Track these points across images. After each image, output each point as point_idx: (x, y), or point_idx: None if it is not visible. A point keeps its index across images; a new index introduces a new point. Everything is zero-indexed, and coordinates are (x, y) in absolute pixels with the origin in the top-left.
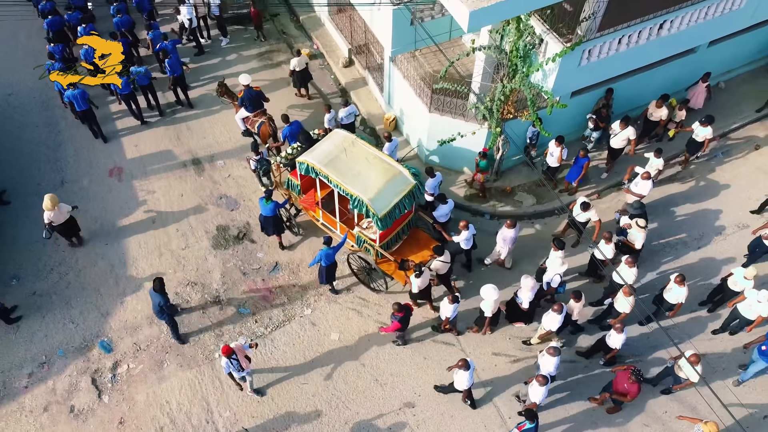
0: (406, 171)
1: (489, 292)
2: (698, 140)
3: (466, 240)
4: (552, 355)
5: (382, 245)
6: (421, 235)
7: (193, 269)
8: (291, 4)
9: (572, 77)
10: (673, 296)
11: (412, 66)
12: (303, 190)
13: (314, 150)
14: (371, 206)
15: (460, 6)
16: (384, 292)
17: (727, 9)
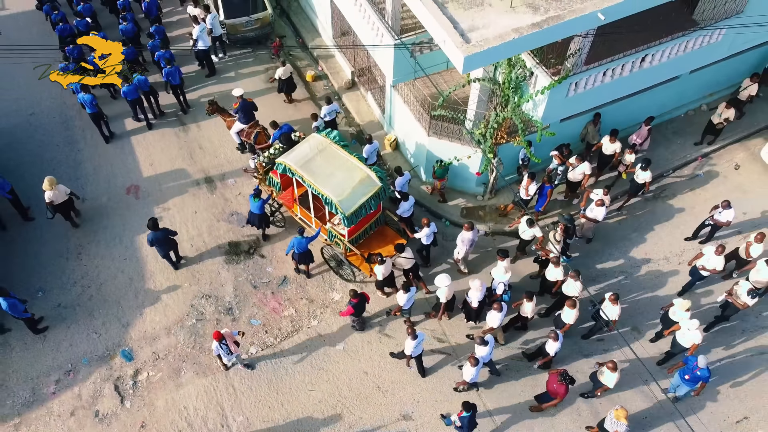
0: (373, 174)
1: (442, 281)
2: (639, 182)
3: (427, 236)
4: (481, 345)
5: (350, 240)
6: (387, 231)
7: (207, 282)
8: (297, 27)
9: (560, 107)
10: (611, 313)
11: (412, 93)
12: (282, 187)
13: (292, 152)
14: (339, 206)
15: (456, 51)
16: (353, 282)
17: (705, 42)
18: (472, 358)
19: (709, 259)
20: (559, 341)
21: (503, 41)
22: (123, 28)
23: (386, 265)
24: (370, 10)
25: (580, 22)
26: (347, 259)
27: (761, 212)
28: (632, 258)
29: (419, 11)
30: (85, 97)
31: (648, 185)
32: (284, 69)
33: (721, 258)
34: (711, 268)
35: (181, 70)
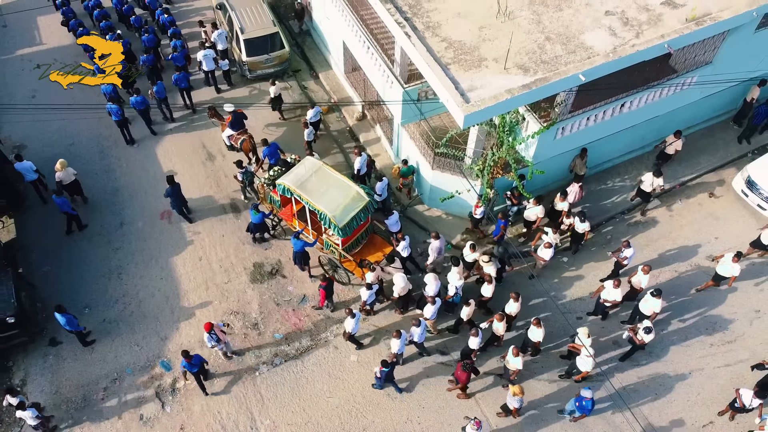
0: (362, 191)
1: (397, 280)
2: (579, 232)
3: (404, 248)
4: (416, 325)
5: (344, 248)
6: (377, 239)
7: (235, 300)
8: (311, 61)
9: (549, 148)
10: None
11: (418, 131)
12: (282, 204)
13: (290, 174)
14: (333, 220)
15: (457, 110)
16: (349, 285)
17: (678, 89)
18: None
19: (609, 292)
20: (479, 336)
21: (497, 101)
22: (145, 39)
23: (376, 272)
24: (381, 60)
25: (564, 83)
26: (342, 264)
27: (732, 236)
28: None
29: (426, 72)
30: (112, 107)
31: (587, 234)
32: (275, 88)
33: (619, 291)
34: (611, 300)
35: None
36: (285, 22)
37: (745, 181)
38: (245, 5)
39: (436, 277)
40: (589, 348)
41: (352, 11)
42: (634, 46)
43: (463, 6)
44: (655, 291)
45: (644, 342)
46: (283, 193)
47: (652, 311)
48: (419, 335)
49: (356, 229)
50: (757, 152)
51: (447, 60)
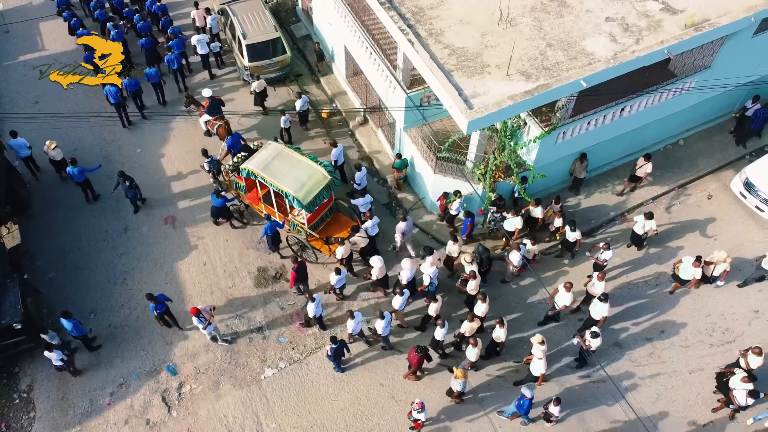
0: (323, 169)
1: (375, 262)
2: (571, 240)
3: (371, 227)
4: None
5: (310, 227)
6: (341, 217)
7: (240, 305)
8: (312, 66)
9: (550, 152)
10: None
11: (420, 135)
12: (248, 189)
13: (253, 158)
14: (297, 198)
15: (460, 116)
16: (316, 262)
17: (677, 93)
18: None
19: (561, 296)
20: (445, 328)
21: (500, 107)
22: (143, 43)
23: (345, 246)
24: (383, 66)
25: (565, 89)
26: (310, 243)
27: (729, 237)
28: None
29: (429, 78)
30: (110, 89)
31: (579, 242)
32: (258, 83)
33: (570, 294)
34: (561, 304)
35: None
36: (286, 26)
37: (743, 183)
38: (247, 11)
39: (413, 264)
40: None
41: (355, 17)
42: (635, 52)
43: (465, 13)
44: (602, 296)
45: (591, 347)
46: (247, 177)
47: (601, 316)
48: (383, 328)
49: (320, 207)
50: (755, 154)
51: (450, 66)
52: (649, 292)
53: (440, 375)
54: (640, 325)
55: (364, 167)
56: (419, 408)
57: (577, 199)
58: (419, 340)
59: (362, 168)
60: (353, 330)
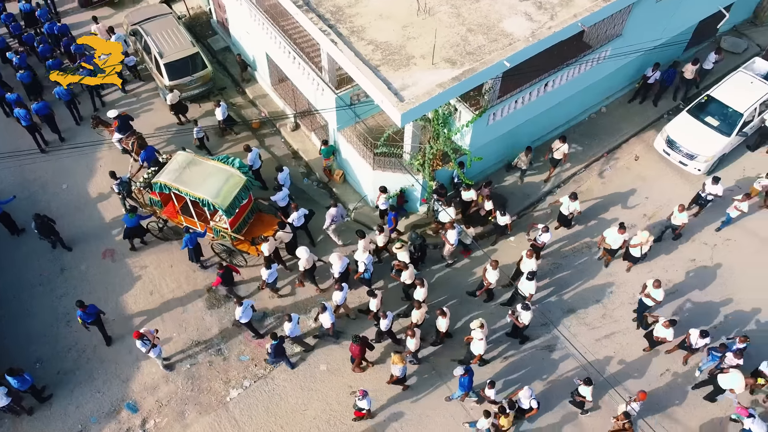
0: (237, 171)
1: (300, 253)
2: (501, 224)
3: (297, 219)
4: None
5: (234, 230)
6: (264, 216)
7: (194, 329)
8: (235, 77)
9: (484, 134)
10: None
11: (354, 134)
12: (163, 203)
13: (164, 171)
14: (215, 203)
15: (393, 110)
16: (245, 266)
17: (594, 63)
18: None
19: (489, 273)
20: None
21: (431, 96)
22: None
23: (270, 243)
24: (309, 69)
25: (490, 71)
26: (237, 248)
27: (660, 193)
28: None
29: (357, 76)
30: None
31: (510, 226)
32: (172, 95)
33: (496, 272)
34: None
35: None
36: (203, 41)
37: (665, 140)
38: (160, 29)
39: (341, 256)
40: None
41: (273, 23)
42: (551, 28)
43: (384, 8)
44: (529, 274)
45: (524, 323)
46: (160, 191)
47: (528, 293)
48: (291, 330)
49: (241, 209)
50: (672, 113)
51: (376, 62)
52: (597, 256)
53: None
54: (590, 289)
55: (285, 168)
56: (361, 395)
57: (511, 179)
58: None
59: (284, 169)
60: (291, 332)
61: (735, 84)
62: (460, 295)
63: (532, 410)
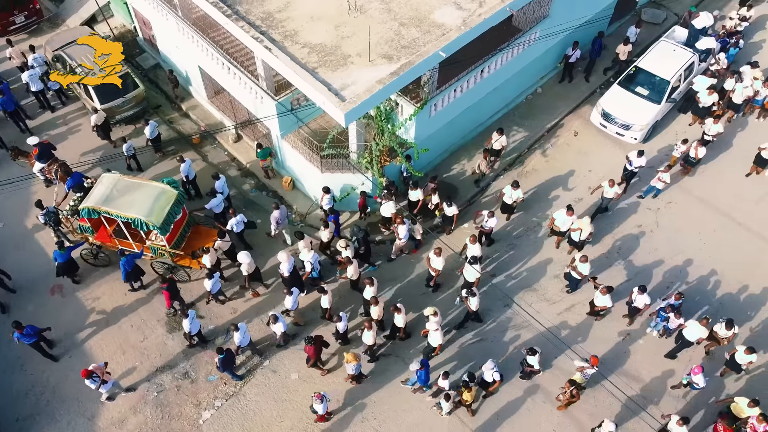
0: (167, 186)
1: (242, 258)
2: (449, 215)
3: (237, 225)
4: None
5: (172, 246)
6: (202, 228)
7: (157, 356)
8: (169, 94)
9: (427, 125)
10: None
11: (299, 139)
12: (94, 229)
13: (90, 196)
14: (150, 222)
15: (335, 110)
16: (188, 281)
17: (526, 45)
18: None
19: (433, 261)
20: (343, 321)
21: (372, 93)
22: None
23: (210, 253)
24: (245, 78)
25: (427, 63)
26: (177, 264)
27: (601, 165)
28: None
29: (295, 80)
30: None
31: (456, 218)
32: (97, 116)
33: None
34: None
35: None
36: (131, 60)
37: (601, 114)
38: (85, 52)
39: (288, 255)
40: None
41: (203, 36)
42: (480, 15)
43: (314, 9)
44: (471, 259)
45: (472, 309)
46: (89, 217)
47: (474, 278)
48: (239, 340)
49: (176, 224)
50: (604, 86)
51: (313, 64)
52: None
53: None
54: (548, 266)
55: (222, 176)
56: (318, 399)
57: (458, 167)
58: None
59: (220, 176)
60: (240, 343)
61: (659, 53)
62: (412, 288)
63: (495, 383)
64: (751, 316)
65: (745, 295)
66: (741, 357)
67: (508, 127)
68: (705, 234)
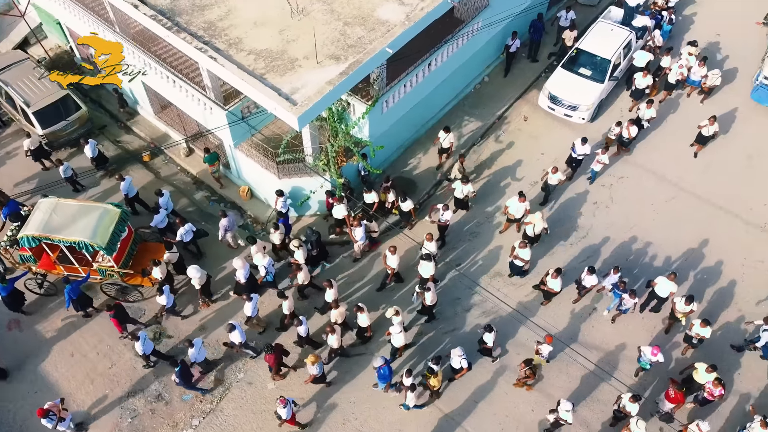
0: (108, 206)
1: (192, 272)
2: (405, 211)
3: (185, 234)
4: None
5: (120, 266)
6: (149, 245)
7: (127, 381)
8: (113, 113)
9: (380, 122)
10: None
11: (253, 146)
12: (37, 257)
13: (29, 223)
14: (94, 243)
15: (288, 115)
16: (142, 300)
17: (469, 36)
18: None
19: (388, 259)
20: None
21: (323, 95)
22: None
23: (161, 266)
24: (192, 90)
25: (375, 60)
26: (128, 283)
27: (553, 147)
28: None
29: (244, 88)
30: None
31: (413, 211)
32: (30, 140)
33: (396, 257)
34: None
35: None
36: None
37: (548, 97)
38: (21, 77)
39: (244, 261)
40: (399, 327)
41: (144, 50)
42: (423, 9)
43: (256, 15)
44: (425, 255)
45: (427, 303)
46: (30, 246)
47: (428, 274)
48: (194, 355)
49: (122, 243)
50: (549, 70)
51: (261, 70)
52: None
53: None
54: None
55: (165, 192)
56: (282, 404)
57: (413, 161)
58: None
59: (164, 192)
60: (196, 359)
61: (598, 34)
62: (373, 286)
63: (462, 370)
64: (705, 280)
65: (700, 262)
66: (696, 329)
67: (459, 118)
68: (658, 205)
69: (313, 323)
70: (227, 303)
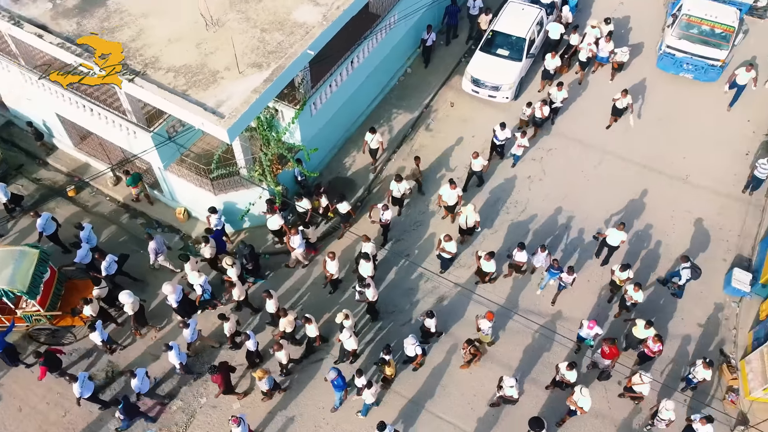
0: (25, 247)
1: (123, 297)
2: (343, 213)
3: (108, 267)
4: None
5: (47, 309)
6: (77, 283)
7: (84, 426)
8: (29, 151)
9: (311, 125)
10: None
11: (184, 167)
12: None
13: None
14: (13, 289)
15: (217, 128)
16: (76, 341)
17: (387, 29)
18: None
19: (328, 265)
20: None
21: (249, 104)
22: None
23: (92, 304)
24: (112, 116)
25: (298, 64)
26: (58, 325)
27: (482, 129)
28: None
29: (168, 107)
30: None
31: (352, 211)
32: None
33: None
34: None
35: None
36: None
37: (470, 81)
38: None
39: (174, 285)
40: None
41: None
42: (339, 8)
43: (169, 32)
44: (363, 257)
45: (368, 299)
46: None
47: (366, 274)
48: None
49: (46, 285)
50: (468, 55)
51: (182, 87)
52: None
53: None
54: (455, 236)
55: (86, 225)
56: (235, 423)
57: (349, 160)
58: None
59: (84, 226)
60: (140, 389)
61: (510, 14)
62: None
63: (417, 357)
64: (640, 235)
65: (635, 219)
66: (630, 293)
67: (387, 111)
68: (587, 171)
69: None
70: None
